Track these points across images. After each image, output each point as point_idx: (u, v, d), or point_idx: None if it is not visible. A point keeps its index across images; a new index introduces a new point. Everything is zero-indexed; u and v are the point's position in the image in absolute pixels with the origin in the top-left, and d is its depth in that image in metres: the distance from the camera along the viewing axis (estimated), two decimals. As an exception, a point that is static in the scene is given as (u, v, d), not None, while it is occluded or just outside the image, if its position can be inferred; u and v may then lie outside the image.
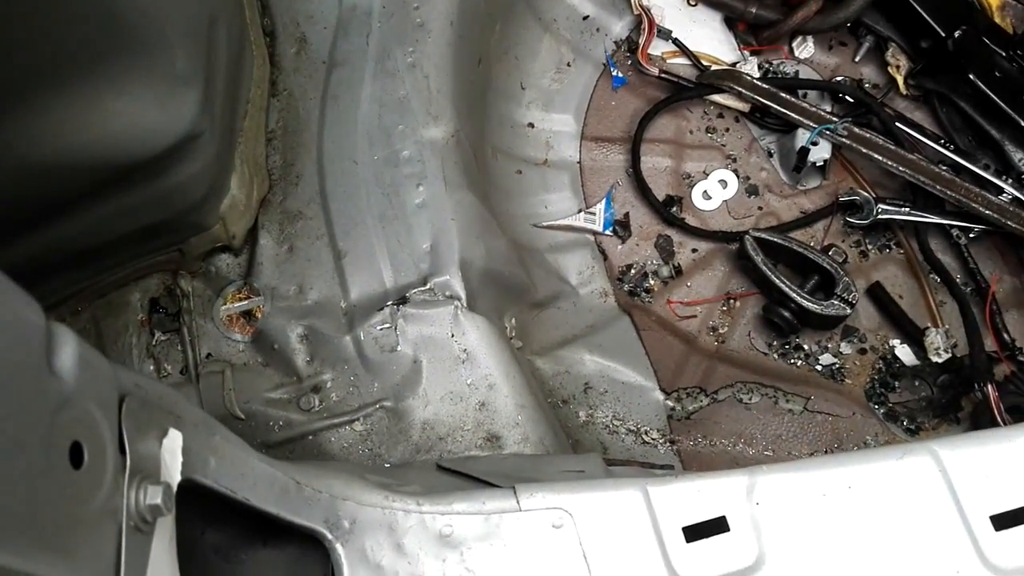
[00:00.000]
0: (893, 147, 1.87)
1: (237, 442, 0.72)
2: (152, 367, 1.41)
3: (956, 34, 1.87)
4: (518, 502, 0.86)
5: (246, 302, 1.45)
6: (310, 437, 1.37)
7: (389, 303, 1.42)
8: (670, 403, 1.79)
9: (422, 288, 1.43)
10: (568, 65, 2.04)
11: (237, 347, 1.44)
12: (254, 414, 1.39)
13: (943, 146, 1.91)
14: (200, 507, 0.71)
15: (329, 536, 0.77)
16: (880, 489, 0.88)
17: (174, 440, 0.61)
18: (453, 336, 1.41)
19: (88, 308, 1.43)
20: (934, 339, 1.76)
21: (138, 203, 1.26)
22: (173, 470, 0.61)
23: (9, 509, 0.43)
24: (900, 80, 1.98)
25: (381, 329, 1.40)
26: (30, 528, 0.44)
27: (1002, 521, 0.86)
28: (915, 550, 0.85)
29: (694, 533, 0.85)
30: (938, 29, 1.89)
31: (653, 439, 1.74)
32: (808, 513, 0.88)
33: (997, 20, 1.93)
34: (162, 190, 1.26)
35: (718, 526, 0.85)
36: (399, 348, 1.40)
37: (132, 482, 0.54)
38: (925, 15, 1.89)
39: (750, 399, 1.81)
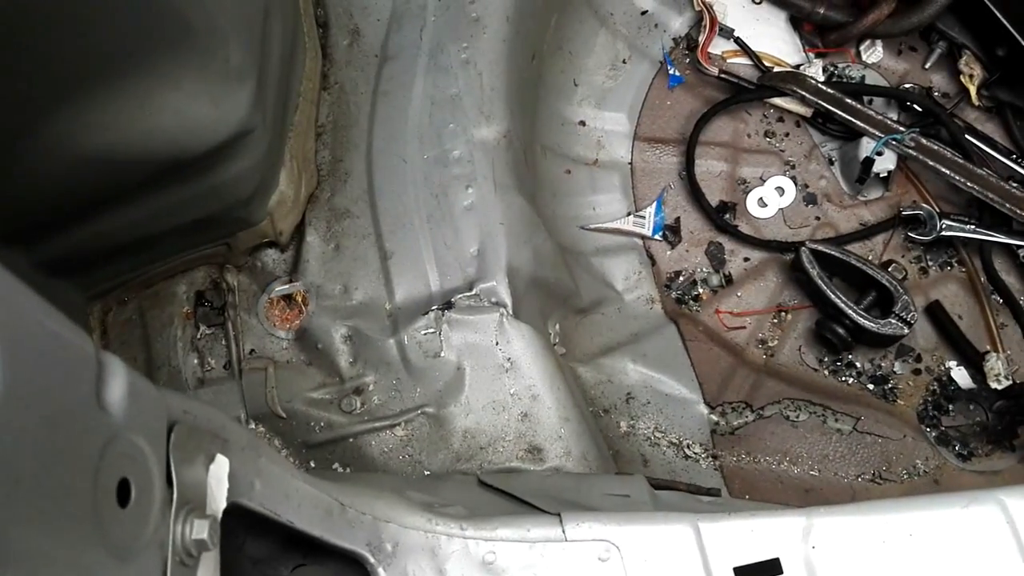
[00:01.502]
0: (961, 160, 1.79)
1: (282, 462, 0.71)
2: (196, 360, 1.42)
3: (1036, 44, 1.78)
4: (564, 531, 0.83)
5: (287, 286, 1.44)
6: (351, 440, 1.36)
7: (434, 307, 1.40)
8: (714, 417, 1.75)
9: (468, 294, 1.41)
10: (624, 62, 2.00)
11: (280, 344, 1.43)
12: (296, 413, 1.38)
13: (1015, 161, 1.83)
14: (241, 519, 0.70)
15: (371, 560, 0.76)
16: (943, 538, 0.84)
17: (221, 467, 0.59)
18: (498, 344, 1.39)
19: (135, 299, 1.43)
20: (994, 364, 1.70)
21: (188, 197, 1.26)
22: (219, 497, 0.59)
23: (54, 554, 0.42)
24: (973, 90, 1.90)
25: (425, 334, 1.39)
26: (75, 570, 0.43)
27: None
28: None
29: (746, 574, 0.82)
30: (1018, 37, 1.80)
31: (695, 454, 1.71)
32: (866, 559, 0.84)
33: (1080, 30, 1.84)
34: (212, 185, 1.26)
35: (771, 568, 0.82)
36: (443, 354, 1.38)
37: (179, 515, 0.53)
38: (1004, 21, 1.80)
39: (797, 417, 1.76)
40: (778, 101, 1.94)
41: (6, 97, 0.97)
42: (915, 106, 1.90)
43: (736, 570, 0.83)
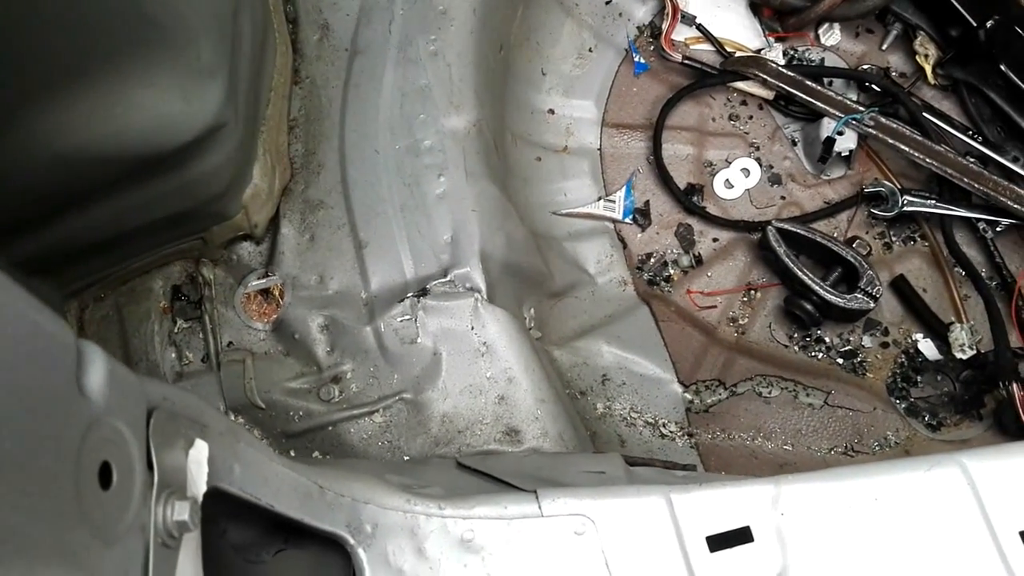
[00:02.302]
0: (920, 138, 1.84)
1: (261, 447, 0.72)
2: (174, 354, 1.42)
3: (988, 24, 1.82)
4: (540, 507, 0.86)
5: (264, 280, 1.45)
6: (330, 428, 1.38)
7: (410, 294, 1.42)
8: (688, 396, 1.79)
9: (442, 280, 1.43)
10: (590, 51, 2.02)
11: (258, 336, 1.44)
12: (274, 403, 1.40)
13: (971, 137, 1.88)
14: (222, 506, 0.72)
15: (351, 541, 0.78)
16: (907, 501, 0.88)
17: (200, 451, 0.61)
18: (473, 329, 1.41)
19: (111, 295, 1.43)
20: (959, 335, 1.74)
21: (162, 193, 1.27)
22: (199, 480, 0.61)
23: (39, 536, 0.43)
24: (928, 69, 1.94)
25: (401, 321, 1.40)
26: (59, 551, 0.45)
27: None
28: (941, 564, 0.85)
29: (718, 542, 0.84)
30: (969, 18, 1.84)
31: (671, 432, 1.74)
32: (833, 524, 0.87)
33: (1032, 9, 1.88)
34: (186, 180, 1.26)
35: (742, 536, 0.85)
36: (419, 340, 1.40)
37: (160, 498, 0.54)
38: (956, 3, 1.84)
39: (770, 393, 1.80)
40: (741, 85, 1.97)
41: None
42: (874, 86, 1.94)
43: (708, 539, 0.86)
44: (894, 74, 1.99)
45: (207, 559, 0.63)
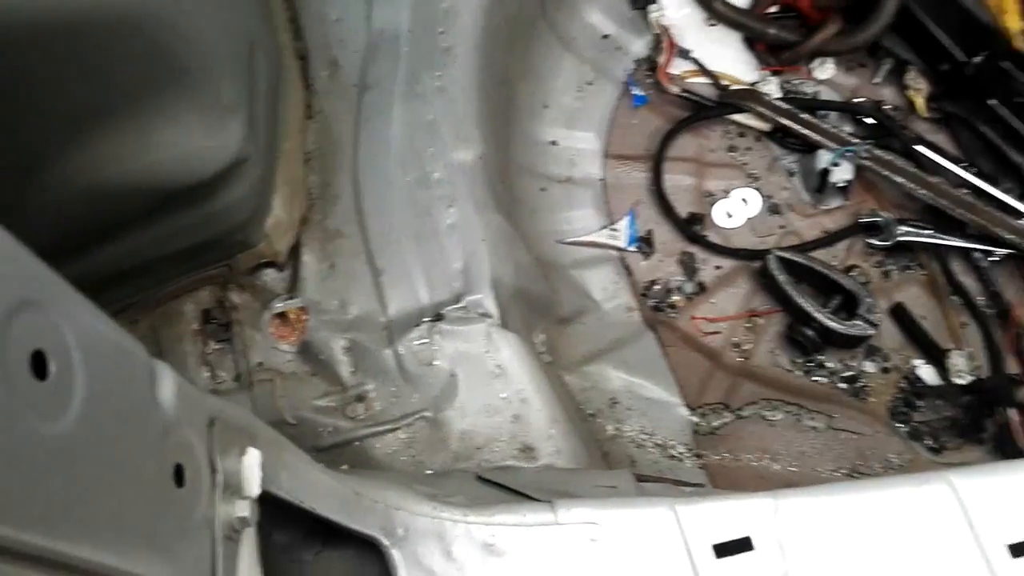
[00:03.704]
0: (914, 170, 1.90)
1: (303, 457, 0.78)
2: (207, 374, 1.49)
3: (975, 59, 1.89)
4: (556, 516, 0.91)
5: (282, 304, 1.51)
6: (357, 443, 1.45)
7: (426, 319, 1.48)
8: (695, 419, 1.83)
9: (456, 306, 1.49)
10: (589, 84, 2.07)
11: (285, 357, 1.51)
12: (304, 420, 1.46)
13: (964, 169, 1.93)
14: (265, 510, 0.77)
15: (385, 542, 0.83)
16: (899, 515, 0.93)
17: (253, 457, 0.67)
18: (487, 352, 1.47)
19: (146, 318, 1.50)
20: (956, 361, 1.79)
21: (189, 223, 1.33)
22: (253, 484, 0.67)
23: (133, 525, 0.49)
24: (919, 103, 2.00)
25: (419, 344, 1.47)
26: (149, 539, 0.50)
27: (1019, 550, 0.91)
28: (932, 574, 0.90)
29: (722, 551, 0.90)
30: (956, 54, 1.90)
31: (680, 453, 1.79)
32: (830, 535, 0.92)
33: (1019, 45, 1.96)
34: (211, 211, 1.33)
35: (744, 545, 0.90)
36: (436, 362, 1.46)
37: (223, 496, 0.60)
38: (943, 40, 1.90)
39: (774, 416, 1.85)
40: (738, 117, 2.02)
41: (20, 138, 1.04)
42: (868, 119, 1.99)
43: (714, 547, 0.92)
44: (887, 107, 2.04)
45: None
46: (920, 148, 1.94)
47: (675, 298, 1.95)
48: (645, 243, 1.99)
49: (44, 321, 0.47)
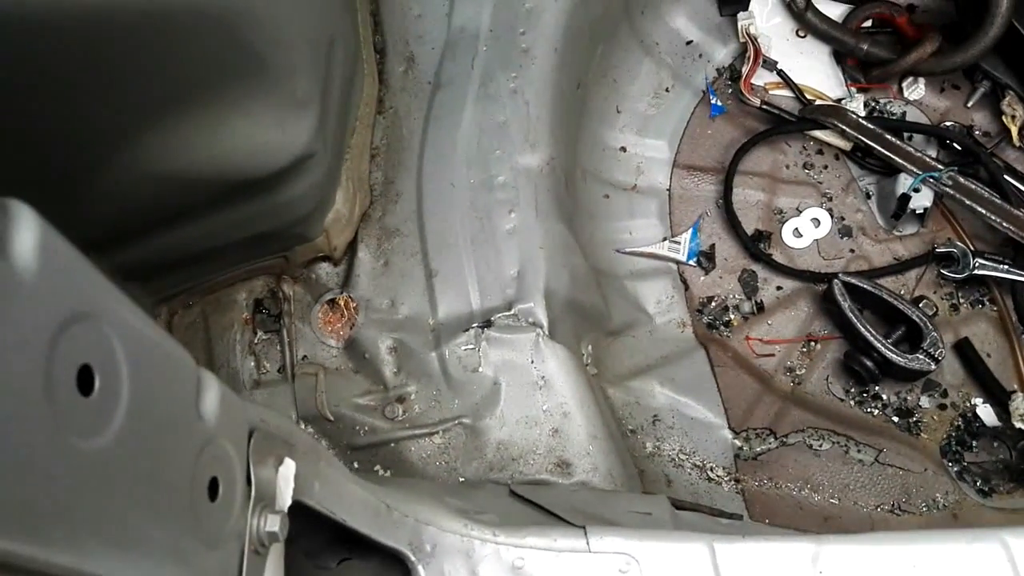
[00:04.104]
0: (999, 200, 1.82)
1: (338, 466, 0.79)
2: (253, 363, 1.52)
3: (1077, 89, 1.81)
4: (588, 543, 0.90)
5: (330, 292, 1.53)
6: (392, 444, 1.45)
7: (475, 325, 1.48)
8: (738, 442, 1.81)
9: (506, 313, 1.49)
10: (667, 90, 2.05)
11: (331, 352, 1.53)
12: (342, 417, 1.48)
13: (1051, 204, 1.86)
14: (293, 516, 0.79)
15: (412, 558, 0.84)
16: (945, 572, 0.90)
17: (289, 468, 0.68)
18: (533, 362, 1.46)
19: (199, 303, 1.54)
20: (1020, 404, 1.73)
21: (252, 214, 1.35)
22: (286, 495, 0.68)
23: (160, 540, 0.50)
24: (1015, 130, 1.92)
25: (465, 349, 1.47)
26: (175, 554, 0.52)
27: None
28: (975, 639, 0.86)
29: (755, 594, 0.88)
30: (1059, 82, 1.83)
31: (718, 476, 1.76)
32: (870, 587, 0.89)
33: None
34: (275, 203, 1.35)
35: (779, 590, 0.88)
36: (481, 369, 1.46)
37: (255, 510, 0.61)
38: (1048, 66, 1.82)
39: (820, 446, 1.81)
40: (818, 134, 1.98)
41: (98, 123, 1.07)
42: (955, 144, 1.93)
43: (747, 589, 0.90)
44: (977, 133, 1.97)
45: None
46: (1008, 178, 1.86)
47: (731, 316, 1.92)
48: (706, 258, 1.96)
49: (94, 333, 0.48)
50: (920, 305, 1.84)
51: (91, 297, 0.48)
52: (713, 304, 1.93)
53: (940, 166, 1.85)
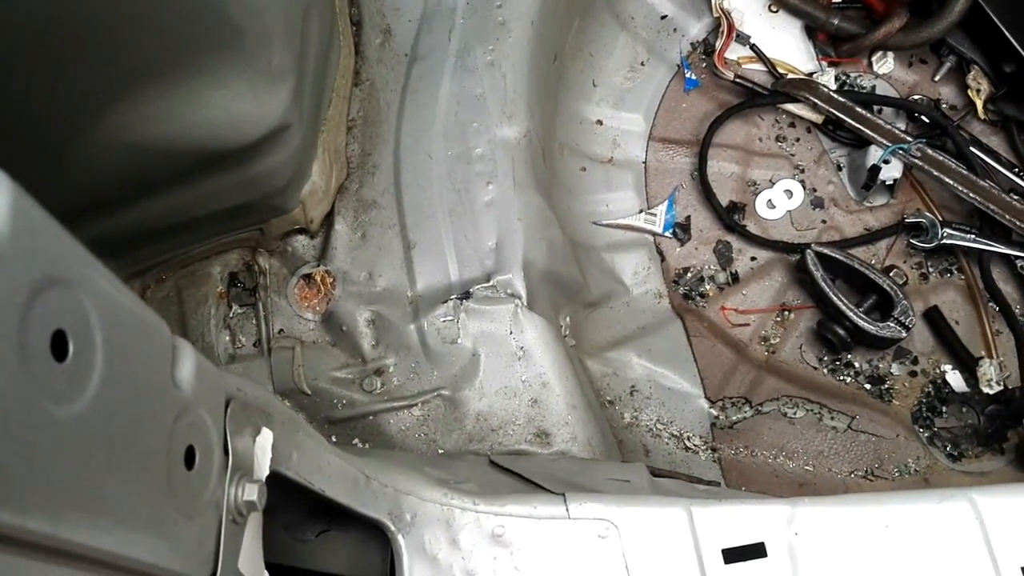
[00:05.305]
0: (965, 172, 1.85)
1: (316, 437, 0.79)
2: (228, 337, 1.51)
3: (1043, 62, 1.83)
4: (567, 510, 0.91)
5: (307, 266, 1.52)
6: (370, 417, 1.45)
7: (453, 296, 1.48)
8: (714, 412, 1.83)
9: (485, 284, 1.49)
10: (642, 64, 2.06)
11: (308, 325, 1.52)
12: (320, 391, 1.47)
13: (1017, 175, 1.89)
14: (272, 488, 0.79)
15: (392, 528, 0.84)
16: (916, 530, 0.92)
17: (266, 438, 0.68)
18: (511, 333, 1.47)
19: (172, 277, 1.52)
20: (987, 370, 1.76)
21: (227, 186, 1.34)
22: (263, 465, 0.68)
23: (137, 510, 0.50)
24: (979, 104, 1.95)
25: (444, 321, 1.47)
26: (152, 523, 0.51)
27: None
28: (944, 594, 0.89)
29: (732, 556, 0.89)
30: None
31: (695, 445, 1.78)
32: (844, 547, 0.91)
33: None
34: (250, 175, 1.34)
35: (756, 551, 0.90)
36: (459, 340, 1.46)
37: (232, 479, 0.61)
38: (1012, 40, 1.85)
39: (795, 414, 1.84)
40: (790, 107, 1.99)
41: (72, 92, 1.05)
42: (923, 117, 1.95)
43: (724, 551, 0.91)
44: (944, 106, 2.00)
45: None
46: (973, 150, 1.89)
47: (707, 287, 1.94)
48: (682, 229, 1.98)
49: (68, 298, 0.47)
50: (891, 274, 1.87)
51: (65, 262, 0.47)
52: (689, 275, 1.95)
53: (909, 138, 1.87)
